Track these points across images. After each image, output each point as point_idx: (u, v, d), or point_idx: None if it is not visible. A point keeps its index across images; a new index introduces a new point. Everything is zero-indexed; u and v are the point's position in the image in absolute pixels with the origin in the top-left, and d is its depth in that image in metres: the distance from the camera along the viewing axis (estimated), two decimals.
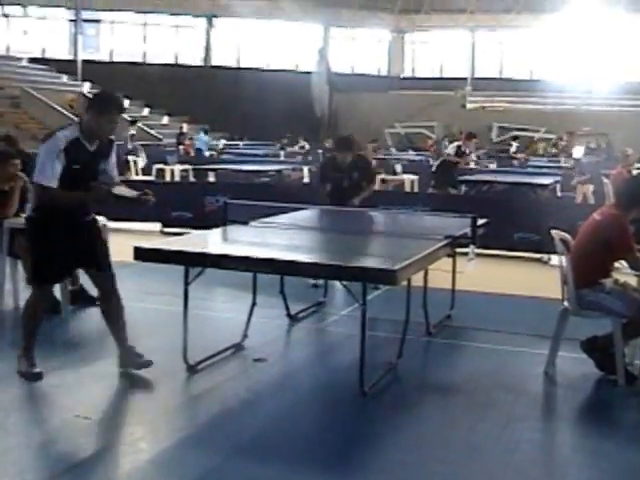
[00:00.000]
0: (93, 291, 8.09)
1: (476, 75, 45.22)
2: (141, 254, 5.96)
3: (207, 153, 27.99)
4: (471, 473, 4.60)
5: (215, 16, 44.23)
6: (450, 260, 7.69)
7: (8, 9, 41.02)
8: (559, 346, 6.41)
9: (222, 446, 4.85)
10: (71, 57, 41.89)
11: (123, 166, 21.42)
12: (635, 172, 15.67)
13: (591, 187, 17.09)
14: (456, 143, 16.53)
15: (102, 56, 43.52)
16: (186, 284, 6.09)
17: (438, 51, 46.78)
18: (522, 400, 5.86)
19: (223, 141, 32.11)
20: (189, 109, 39.24)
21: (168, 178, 20.55)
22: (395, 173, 19.28)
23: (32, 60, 40.17)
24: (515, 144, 32.27)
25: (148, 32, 44.54)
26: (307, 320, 7.96)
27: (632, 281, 6.64)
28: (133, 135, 26.36)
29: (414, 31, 46.68)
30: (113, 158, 6.16)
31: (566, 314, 6.38)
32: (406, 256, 5.72)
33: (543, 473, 4.77)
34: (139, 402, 5.70)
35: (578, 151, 27.26)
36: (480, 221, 7.15)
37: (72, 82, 39.91)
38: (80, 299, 8.04)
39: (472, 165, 16.67)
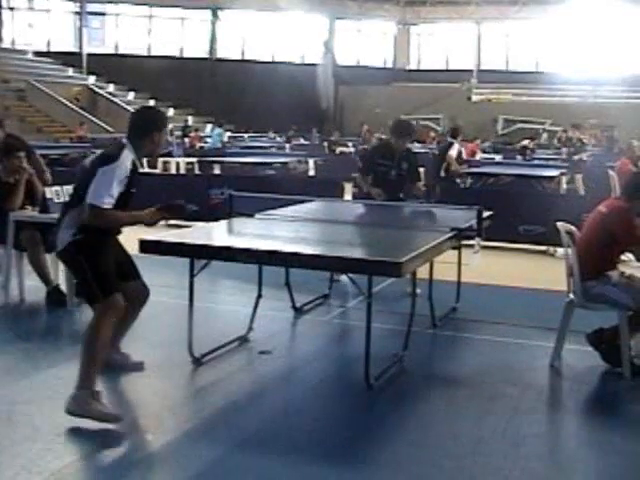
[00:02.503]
0: None
1: (482, 67, 45.21)
2: (147, 247, 5.95)
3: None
4: (478, 468, 4.59)
5: (220, 8, 44.22)
6: (455, 252, 7.69)
7: (13, 2, 41.02)
8: (565, 338, 6.40)
9: (227, 438, 4.85)
10: (76, 50, 41.97)
11: None
12: None
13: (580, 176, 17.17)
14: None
15: (107, 49, 43.55)
16: (191, 276, 6.09)
17: (444, 43, 46.74)
18: (528, 393, 5.85)
19: (228, 134, 32.09)
20: (194, 102, 39.30)
21: (173, 171, 20.55)
22: None
23: (37, 53, 40.21)
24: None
25: (153, 25, 44.52)
26: (313, 312, 7.96)
27: (638, 273, 6.62)
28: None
29: (420, 23, 46.65)
30: None
31: (572, 306, 6.37)
32: (411, 248, 5.72)
33: (550, 467, 4.75)
34: (144, 394, 5.70)
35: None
36: (485, 213, 7.14)
37: (77, 75, 39.97)
38: None
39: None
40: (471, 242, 6.94)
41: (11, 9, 41.24)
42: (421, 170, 10.33)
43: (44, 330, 7.22)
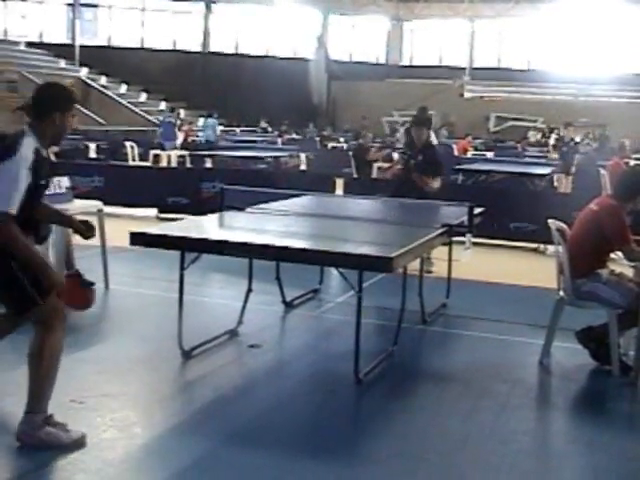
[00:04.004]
0: (89, 276, 8.10)
1: (474, 64, 45.22)
2: (137, 239, 5.93)
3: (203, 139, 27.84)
4: (466, 464, 4.60)
5: (214, 2, 44.11)
6: (446, 249, 7.70)
7: None
8: (554, 336, 6.41)
9: (216, 432, 4.84)
10: (69, 41, 41.79)
11: None
12: (632, 163, 15.69)
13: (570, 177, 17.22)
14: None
15: (100, 41, 43.42)
16: (182, 269, 6.07)
17: (437, 40, 46.70)
18: (517, 390, 5.86)
19: (220, 127, 32.00)
20: (187, 95, 39.18)
21: (165, 164, 20.50)
22: (392, 161, 19.20)
23: (30, 44, 40.05)
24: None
25: (146, 17, 44.41)
26: (302, 307, 7.95)
27: (628, 272, 6.64)
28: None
29: (413, 19, 46.60)
30: None
31: (562, 304, 6.38)
32: (402, 244, 5.72)
33: (538, 463, 4.76)
34: (133, 387, 5.69)
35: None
36: (477, 210, 7.14)
37: (70, 67, 39.82)
38: None
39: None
40: (462, 239, 6.95)
41: (4, 0, 41.08)
42: None
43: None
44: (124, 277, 8.60)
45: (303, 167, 20.70)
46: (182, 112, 33.51)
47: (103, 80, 39.87)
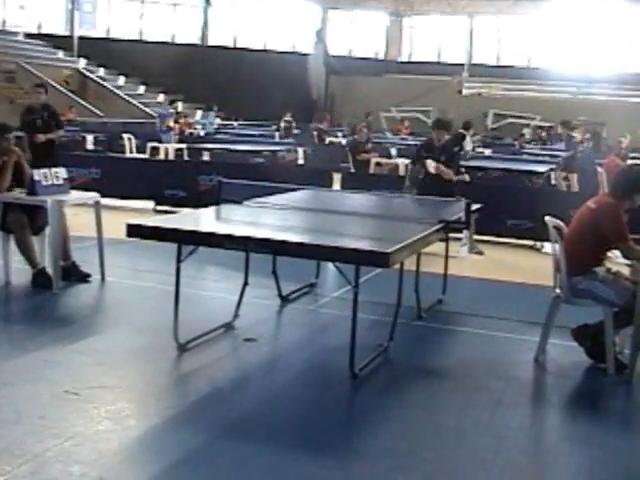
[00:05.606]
0: (85, 267, 8.10)
1: (473, 61, 45.10)
2: (134, 231, 5.92)
3: (202, 132, 27.86)
4: (460, 460, 4.60)
5: None
6: (443, 244, 7.70)
7: None
8: (550, 333, 6.42)
9: (211, 425, 4.84)
10: (67, 33, 41.65)
11: None
12: (629, 161, 15.68)
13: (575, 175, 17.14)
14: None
15: (99, 33, 43.27)
16: (178, 262, 6.06)
17: (436, 36, 46.60)
18: (512, 386, 5.87)
19: (218, 120, 32.00)
20: (185, 88, 39.13)
21: (162, 156, 20.46)
22: (390, 157, 19.20)
23: (28, 35, 39.91)
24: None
25: (145, 9, 44.32)
26: (299, 301, 7.95)
27: (624, 270, 6.64)
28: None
29: (412, 15, 46.50)
30: None
31: (558, 301, 6.38)
32: (399, 239, 5.72)
33: (532, 460, 4.77)
34: (128, 379, 5.69)
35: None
36: (474, 207, 7.14)
37: (68, 58, 39.73)
38: (72, 275, 8.02)
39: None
40: (459, 235, 6.95)
41: None
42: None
43: (29, 313, 7.19)
44: (120, 269, 8.59)
45: (301, 161, 20.68)
46: (180, 105, 33.48)
47: (101, 72, 39.78)
